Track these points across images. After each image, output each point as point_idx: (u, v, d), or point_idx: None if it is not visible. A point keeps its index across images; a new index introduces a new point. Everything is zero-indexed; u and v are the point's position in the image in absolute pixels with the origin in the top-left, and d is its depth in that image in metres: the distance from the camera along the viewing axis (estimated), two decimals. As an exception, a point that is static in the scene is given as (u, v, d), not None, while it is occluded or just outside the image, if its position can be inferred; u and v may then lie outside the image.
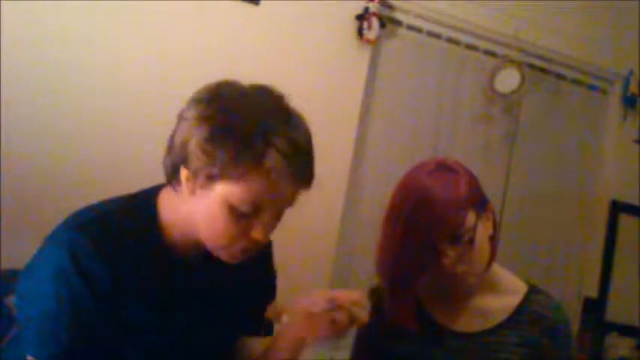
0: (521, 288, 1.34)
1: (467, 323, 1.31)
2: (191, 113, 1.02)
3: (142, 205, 1.13)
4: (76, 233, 1.04)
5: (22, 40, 2.17)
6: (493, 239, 1.29)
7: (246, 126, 0.99)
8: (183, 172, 1.03)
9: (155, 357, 1.11)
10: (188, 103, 1.05)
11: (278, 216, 1.08)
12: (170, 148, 1.06)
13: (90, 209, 1.11)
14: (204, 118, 1.00)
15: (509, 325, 1.29)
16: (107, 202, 1.14)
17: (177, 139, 1.03)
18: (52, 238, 1.07)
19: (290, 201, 1.06)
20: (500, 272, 1.35)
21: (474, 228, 1.21)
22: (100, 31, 2.27)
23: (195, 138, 1.00)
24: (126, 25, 2.31)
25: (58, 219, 1.10)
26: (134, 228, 1.09)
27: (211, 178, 1.00)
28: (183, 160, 1.02)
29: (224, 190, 1.01)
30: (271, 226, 1.07)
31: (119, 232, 1.07)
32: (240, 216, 1.02)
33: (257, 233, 1.04)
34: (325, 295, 1.09)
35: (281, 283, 1.39)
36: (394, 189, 1.32)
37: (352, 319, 1.08)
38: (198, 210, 1.06)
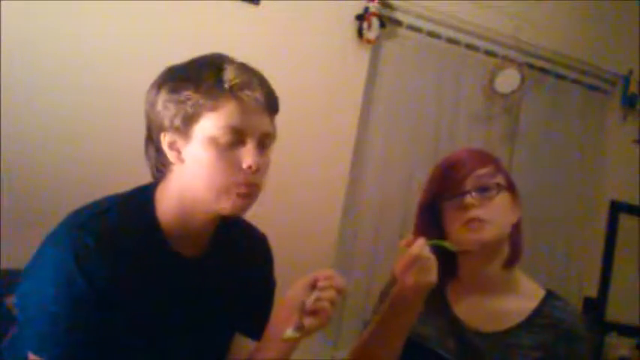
0: (539, 292, 1.35)
1: (484, 323, 1.33)
2: (150, 92, 1.11)
3: (140, 202, 1.13)
4: (77, 232, 1.05)
5: (22, 40, 2.17)
6: (517, 227, 1.36)
7: (197, 67, 1.09)
8: (165, 140, 1.08)
9: (156, 355, 1.11)
10: (146, 92, 1.13)
11: (263, 148, 1.09)
12: (148, 135, 1.13)
13: (89, 208, 1.12)
14: (159, 86, 1.10)
15: (524, 328, 1.29)
16: (105, 200, 1.14)
17: (149, 119, 1.11)
18: (53, 238, 1.07)
19: (264, 121, 1.09)
20: (520, 275, 1.38)
21: (498, 187, 1.31)
22: (99, 31, 2.27)
23: (160, 100, 1.08)
24: (126, 25, 2.31)
25: (58, 219, 1.10)
26: (134, 226, 1.10)
27: (187, 121, 1.05)
28: (160, 129, 1.08)
29: (202, 129, 1.05)
30: (259, 155, 1.07)
31: (119, 231, 1.07)
32: (225, 149, 1.05)
33: (246, 160, 1.06)
34: (304, 282, 1.10)
35: (281, 283, 1.39)
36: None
37: (340, 292, 1.09)
38: (189, 171, 1.08)
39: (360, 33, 2.63)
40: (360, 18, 2.62)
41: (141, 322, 1.09)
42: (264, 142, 1.10)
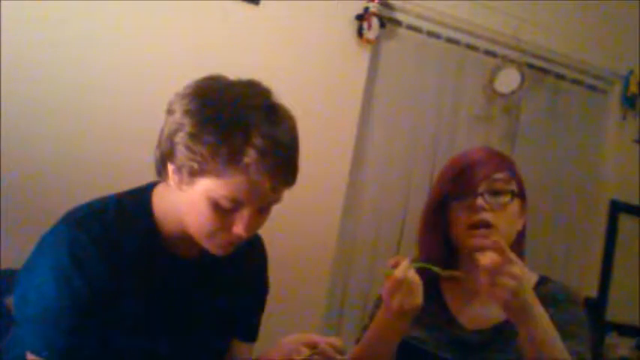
0: (532, 279, 1.35)
1: (482, 320, 1.32)
2: (177, 107, 1.03)
3: (137, 201, 1.13)
4: (75, 231, 1.05)
5: (22, 40, 2.17)
6: (521, 236, 1.36)
7: (227, 121, 0.99)
8: (170, 167, 1.05)
9: (152, 355, 1.11)
10: (175, 97, 1.06)
11: (262, 211, 1.07)
12: (159, 141, 1.07)
13: (87, 206, 1.12)
14: (188, 113, 1.01)
15: None
16: (103, 200, 1.14)
17: (165, 132, 1.05)
18: (51, 236, 1.07)
19: (272, 197, 1.05)
20: None
21: (512, 194, 1.30)
22: (100, 32, 2.27)
23: (179, 133, 1.01)
24: (126, 25, 2.31)
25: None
26: (130, 226, 1.10)
27: (193, 173, 1.01)
28: (170, 155, 1.03)
29: (205, 185, 1.01)
30: (255, 220, 1.06)
31: (116, 229, 1.08)
32: (222, 210, 1.03)
33: (238, 228, 1.04)
34: (306, 339, 1.09)
35: (281, 283, 1.39)
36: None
37: None
38: (185, 202, 1.06)
39: (360, 33, 2.63)
40: (360, 18, 2.62)
41: (137, 322, 1.09)
42: (267, 207, 1.08)
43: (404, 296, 1.18)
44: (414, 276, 1.19)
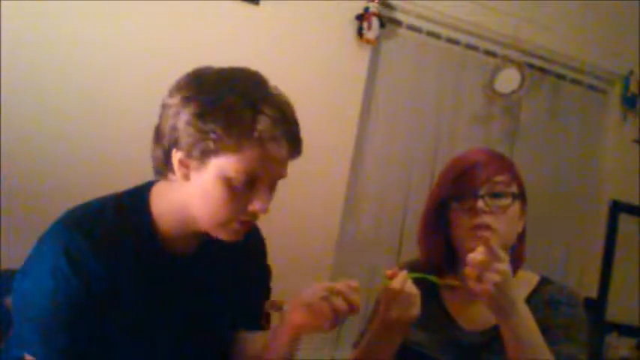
0: (533, 280, 1.37)
1: (480, 321, 1.32)
2: (174, 100, 1.04)
3: (135, 201, 1.13)
4: (72, 231, 1.05)
5: (23, 41, 2.16)
6: (521, 238, 1.37)
7: (233, 98, 1.01)
8: (176, 156, 1.04)
9: (153, 353, 1.11)
10: (169, 91, 1.06)
11: (272, 187, 1.09)
12: (158, 136, 1.07)
13: (84, 206, 1.12)
14: (188, 99, 1.02)
15: None
16: (101, 199, 1.14)
17: (165, 126, 1.05)
18: (48, 237, 1.07)
19: (283, 169, 1.07)
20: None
21: (512, 195, 1.31)
22: (100, 32, 2.27)
23: (183, 118, 1.01)
24: (126, 25, 2.31)
25: (58, 219, 1.10)
26: (128, 224, 1.10)
27: (206, 154, 1.01)
28: (174, 143, 1.03)
29: (219, 165, 1.02)
30: (268, 198, 1.07)
31: (114, 229, 1.08)
32: (236, 190, 1.03)
33: (256, 205, 1.05)
34: (324, 285, 1.10)
35: (281, 282, 1.39)
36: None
37: (350, 305, 1.09)
38: (194, 193, 1.06)
39: (360, 33, 2.63)
40: (360, 18, 2.62)
41: (136, 322, 1.09)
42: (276, 183, 1.09)
43: (401, 307, 1.18)
44: (411, 287, 1.19)
